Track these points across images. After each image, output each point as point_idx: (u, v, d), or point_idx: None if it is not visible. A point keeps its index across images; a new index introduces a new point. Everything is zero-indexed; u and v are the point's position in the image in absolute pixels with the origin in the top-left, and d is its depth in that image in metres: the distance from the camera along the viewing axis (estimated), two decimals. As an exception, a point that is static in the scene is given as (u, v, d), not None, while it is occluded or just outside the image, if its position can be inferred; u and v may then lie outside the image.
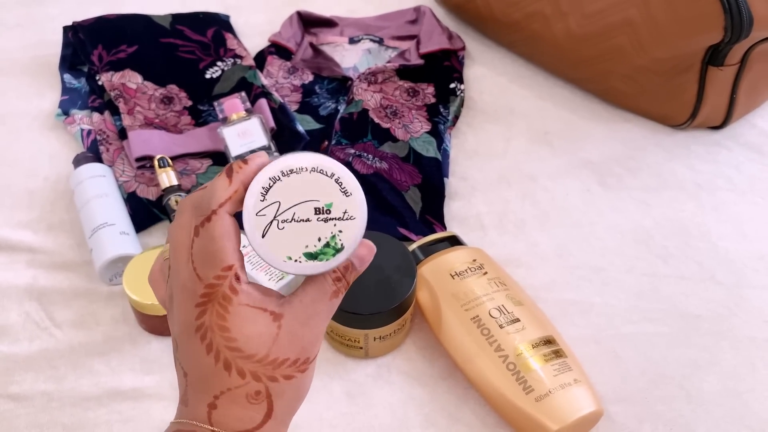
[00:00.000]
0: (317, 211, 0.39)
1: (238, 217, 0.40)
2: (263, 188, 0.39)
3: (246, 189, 0.39)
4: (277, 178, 0.39)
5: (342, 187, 0.39)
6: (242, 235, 0.40)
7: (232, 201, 0.39)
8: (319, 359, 0.67)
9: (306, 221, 0.39)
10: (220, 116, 0.83)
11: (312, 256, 0.39)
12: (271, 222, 0.39)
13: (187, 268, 0.39)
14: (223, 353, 0.39)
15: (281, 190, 0.39)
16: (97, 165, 0.79)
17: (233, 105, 0.83)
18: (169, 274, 0.41)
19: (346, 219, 0.39)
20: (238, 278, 0.39)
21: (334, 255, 0.39)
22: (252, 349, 0.39)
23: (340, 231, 0.39)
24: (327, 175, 0.39)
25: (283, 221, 0.39)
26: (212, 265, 0.39)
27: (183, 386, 0.41)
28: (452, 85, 0.91)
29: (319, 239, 0.39)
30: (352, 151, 0.83)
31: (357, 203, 0.39)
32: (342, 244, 0.39)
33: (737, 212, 0.79)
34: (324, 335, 0.41)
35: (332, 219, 0.39)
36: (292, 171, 0.39)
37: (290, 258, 0.39)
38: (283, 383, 0.40)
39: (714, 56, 0.79)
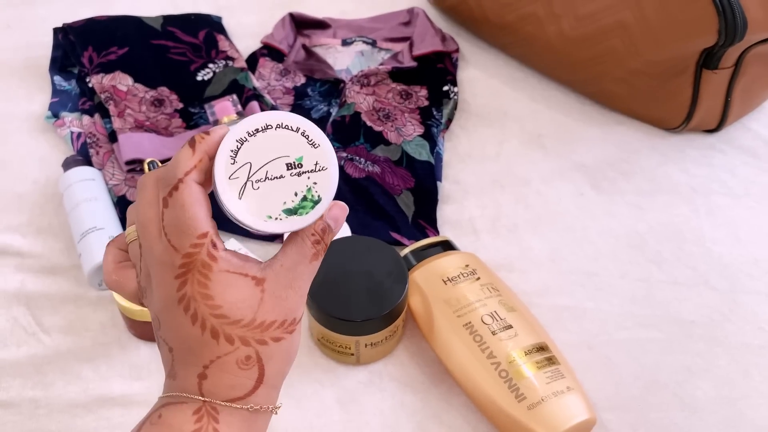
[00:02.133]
0: (289, 166, 0.39)
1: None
2: (232, 151, 0.39)
3: (211, 159, 0.39)
4: (244, 139, 0.39)
5: (309, 139, 0.40)
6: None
7: (198, 170, 0.39)
8: (310, 366, 0.67)
9: (280, 178, 0.39)
10: (211, 119, 0.83)
11: (291, 212, 0.40)
12: (246, 183, 0.39)
13: (160, 242, 0.39)
14: (209, 321, 0.38)
15: (250, 150, 0.39)
16: (86, 168, 0.78)
17: (224, 108, 0.83)
18: (141, 253, 0.40)
19: (319, 170, 0.40)
20: (215, 245, 0.39)
21: (312, 207, 0.40)
22: (238, 314, 0.39)
23: (315, 183, 0.40)
24: (293, 130, 0.39)
25: (257, 181, 0.39)
26: (187, 234, 0.38)
27: (169, 362, 0.41)
28: (445, 88, 0.90)
29: (296, 194, 0.39)
30: (344, 154, 0.82)
31: (326, 153, 0.40)
32: (319, 196, 0.40)
33: (732, 216, 0.79)
34: (306, 298, 0.42)
35: (305, 172, 0.40)
36: (257, 130, 0.39)
37: (270, 216, 0.39)
38: (273, 346, 0.40)
39: (708, 59, 0.78)
